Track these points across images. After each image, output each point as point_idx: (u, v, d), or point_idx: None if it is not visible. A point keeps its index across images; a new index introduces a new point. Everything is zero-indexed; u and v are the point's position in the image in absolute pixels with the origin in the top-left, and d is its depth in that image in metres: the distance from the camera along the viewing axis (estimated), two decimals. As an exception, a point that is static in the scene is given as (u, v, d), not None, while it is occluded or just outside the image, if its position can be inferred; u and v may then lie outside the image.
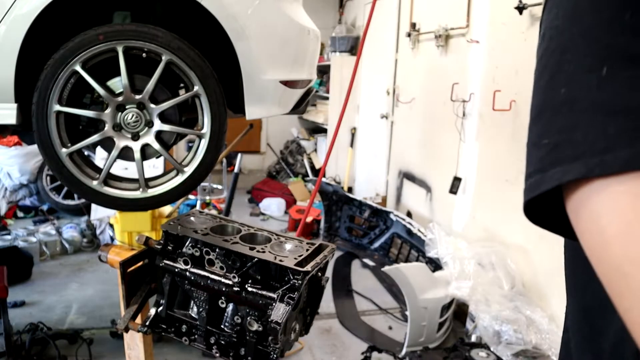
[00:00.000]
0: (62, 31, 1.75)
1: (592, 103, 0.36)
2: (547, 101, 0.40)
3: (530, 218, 0.43)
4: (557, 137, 0.38)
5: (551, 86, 0.40)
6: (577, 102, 0.37)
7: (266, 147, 7.77)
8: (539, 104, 0.42)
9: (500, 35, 3.42)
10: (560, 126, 0.38)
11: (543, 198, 0.40)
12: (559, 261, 0.59)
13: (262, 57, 1.77)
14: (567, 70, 0.38)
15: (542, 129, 0.40)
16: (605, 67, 0.36)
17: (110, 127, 1.74)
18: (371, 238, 4.70)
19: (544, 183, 0.38)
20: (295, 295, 1.26)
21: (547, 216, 0.43)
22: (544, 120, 0.40)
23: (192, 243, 1.43)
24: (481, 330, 2.86)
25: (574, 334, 0.51)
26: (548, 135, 0.39)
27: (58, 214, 5.31)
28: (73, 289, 3.89)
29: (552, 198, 0.40)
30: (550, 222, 0.44)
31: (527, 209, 0.42)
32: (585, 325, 0.48)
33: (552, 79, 0.40)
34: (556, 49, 0.40)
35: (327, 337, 3.36)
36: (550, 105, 0.40)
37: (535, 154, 0.40)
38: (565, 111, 0.38)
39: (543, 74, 0.42)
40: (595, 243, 0.36)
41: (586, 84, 0.37)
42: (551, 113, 0.40)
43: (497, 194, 3.48)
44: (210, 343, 1.40)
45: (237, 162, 4.13)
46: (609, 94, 0.35)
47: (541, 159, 0.39)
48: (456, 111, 3.88)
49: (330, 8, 7.33)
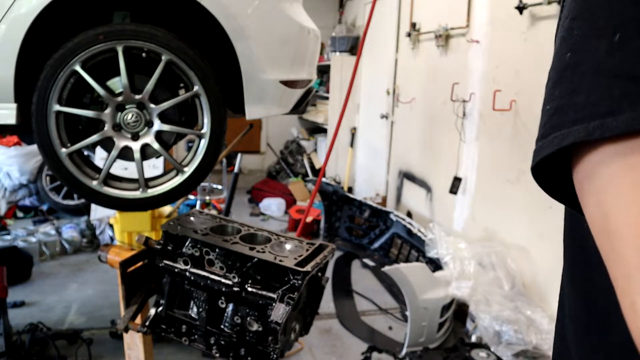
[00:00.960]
0: (62, 31, 1.75)
1: (597, 66, 0.34)
2: (554, 68, 0.39)
3: (541, 185, 0.41)
4: (559, 101, 0.37)
5: (559, 52, 0.39)
6: (581, 65, 0.35)
7: (266, 147, 7.76)
8: (549, 72, 0.40)
9: (500, 35, 3.42)
10: (563, 90, 0.36)
11: (553, 164, 0.38)
12: (559, 261, 0.58)
13: (262, 57, 1.77)
14: (577, 35, 0.37)
15: (546, 95, 0.39)
16: (619, 34, 0.34)
17: (110, 127, 1.74)
18: (371, 238, 4.69)
19: (544, 149, 0.37)
20: (295, 295, 1.26)
21: (559, 184, 0.41)
22: (548, 86, 0.39)
23: (192, 243, 1.43)
24: (481, 330, 2.86)
25: (573, 322, 0.50)
26: (550, 100, 0.38)
27: (58, 214, 5.31)
28: (73, 289, 3.89)
29: (562, 164, 0.39)
30: (562, 191, 0.41)
31: (537, 175, 0.40)
32: (585, 314, 0.47)
33: (562, 45, 0.39)
34: (569, 16, 0.39)
35: (327, 337, 3.36)
36: (555, 72, 0.38)
37: (541, 121, 0.39)
38: (569, 75, 0.36)
39: (555, 43, 0.40)
40: (595, 214, 0.35)
41: (594, 49, 0.35)
42: (555, 79, 0.38)
43: (497, 194, 3.48)
44: (210, 343, 1.40)
45: (237, 162, 4.13)
46: (618, 59, 0.33)
47: (544, 125, 0.38)
48: (456, 111, 3.88)
49: (330, 8, 7.33)
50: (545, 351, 2.69)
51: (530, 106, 3.14)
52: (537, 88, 3.06)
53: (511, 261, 3.19)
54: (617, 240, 0.33)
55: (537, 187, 0.42)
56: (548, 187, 0.41)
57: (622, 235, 0.32)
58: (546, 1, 2.84)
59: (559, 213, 0.86)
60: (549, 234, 2.94)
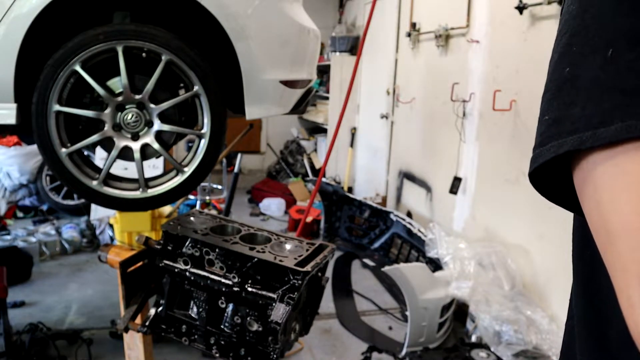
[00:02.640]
0: (62, 31, 1.74)
1: (592, 81, 0.37)
2: (552, 80, 0.42)
3: (539, 190, 0.45)
4: (557, 112, 0.40)
5: (558, 66, 0.42)
6: (579, 80, 0.38)
7: (266, 147, 7.76)
8: (546, 83, 0.44)
9: (500, 35, 3.42)
10: (560, 102, 0.40)
11: (551, 170, 0.42)
12: (560, 261, 0.58)
13: (262, 57, 1.77)
14: (575, 51, 0.40)
15: (544, 106, 0.42)
16: (611, 49, 0.37)
17: (110, 127, 1.74)
18: (371, 238, 4.69)
19: (542, 156, 0.40)
20: (295, 295, 1.26)
21: (557, 190, 0.45)
22: (547, 97, 0.42)
23: (192, 243, 1.43)
24: (481, 330, 2.86)
25: (578, 319, 0.51)
26: (549, 111, 0.41)
27: (58, 214, 5.31)
28: (73, 289, 3.89)
29: (560, 170, 0.42)
30: (560, 195, 0.45)
31: (535, 181, 0.44)
32: (589, 310, 0.48)
33: (560, 60, 0.41)
34: (567, 32, 0.42)
35: (327, 337, 3.36)
36: (554, 84, 0.41)
37: (538, 130, 0.42)
38: (567, 88, 0.39)
39: (553, 56, 0.43)
40: (593, 215, 0.38)
41: (590, 64, 0.38)
42: (554, 91, 0.41)
43: (497, 194, 3.48)
44: (210, 343, 1.40)
45: (237, 162, 4.13)
46: (611, 73, 0.36)
47: (542, 134, 0.41)
48: (456, 111, 3.88)
49: (330, 8, 7.32)
50: (545, 351, 2.69)
51: (530, 106, 3.14)
52: (537, 88, 3.06)
53: (511, 261, 3.19)
54: (614, 238, 0.35)
55: (537, 188, 0.43)
56: (546, 191, 0.45)
57: (617, 233, 0.35)
58: (546, 1, 2.84)
59: (559, 213, 0.86)
60: (549, 234, 2.94)
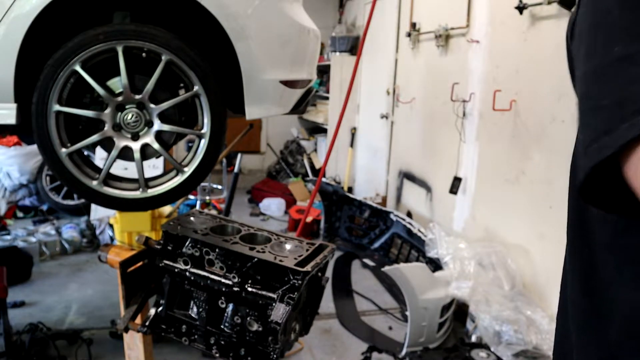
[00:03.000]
0: (62, 31, 1.74)
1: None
2: (602, 63, 0.37)
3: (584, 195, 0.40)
4: (619, 94, 0.35)
5: (605, 48, 0.37)
6: (635, 56, 0.34)
7: (266, 147, 7.76)
8: (590, 70, 0.39)
9: (500, 35, 3.42)
10: (621, 83, 0.35)
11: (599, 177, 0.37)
12: (560, 261, 0.58)
13: (262, 57, 1.77)
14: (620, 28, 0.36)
15: (599, 90, 0.37)
16: None
17: (110, 127, 1.74)
18: (371, 238, 4.69)
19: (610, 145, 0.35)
20: (295, 295, 1.26)
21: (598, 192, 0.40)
22: (599, 82, 0.37)
23: (192, 243, 1.43)
24: (481, 330, 2.86)
25: (573, 307, 0.51)
26: (610, 95, 0.36)
27: (58, 214, 5.31)
28: (73, 289, 3.89)
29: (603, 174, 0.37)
30: (602, 199, 0.40)
31: (587, 180, 0.38)
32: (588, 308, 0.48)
33: (608, 41, 0.37)
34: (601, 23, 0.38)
35: (327, 337, 3.36)
36: (605, 67, 0.37)
37: (592, 117, 0.37)
38: (625, 66, 0.35)
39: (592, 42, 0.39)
40: None
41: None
42: (608, 73, 0.37)
43: (497, 194, 3.48)
44: (210, 343, 1.40)
45: (237, 162, 4.13)
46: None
47: (602, 120, 0.36)
48: (456, 111, 3.88)
49: (330, 8, 7.32)
50: (545, 351, 2.69)
51: (530, 106, 3.14)
52: (537, 88, 3.06)
53: (511, 261, 3.19)
54: None
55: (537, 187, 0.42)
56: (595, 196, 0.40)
57: None
58: (546, 1, 2.84)
59: (559, 213, 0.86)
60: (549, 234, 2.94)
